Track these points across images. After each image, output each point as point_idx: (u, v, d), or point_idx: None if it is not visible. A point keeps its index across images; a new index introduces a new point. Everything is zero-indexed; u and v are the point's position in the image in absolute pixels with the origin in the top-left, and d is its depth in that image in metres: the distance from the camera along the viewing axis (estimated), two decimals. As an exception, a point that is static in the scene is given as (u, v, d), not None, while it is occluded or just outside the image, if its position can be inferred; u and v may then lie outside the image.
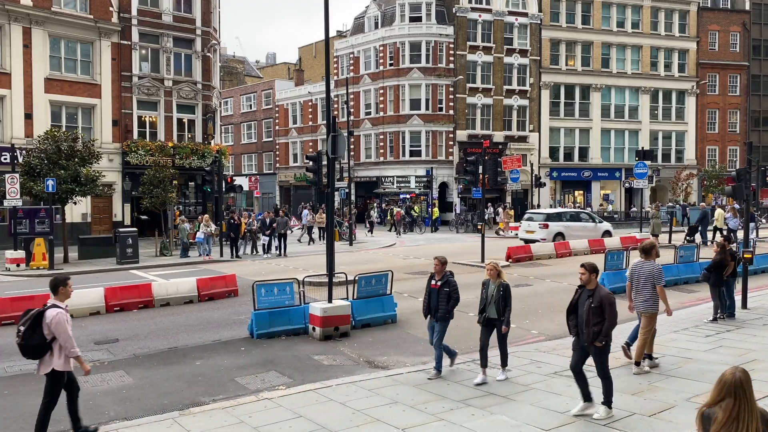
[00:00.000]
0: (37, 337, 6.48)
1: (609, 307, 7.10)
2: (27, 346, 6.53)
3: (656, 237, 28.20)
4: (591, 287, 7.33)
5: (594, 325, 7.13)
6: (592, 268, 7.36)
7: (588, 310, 7.21)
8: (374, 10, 48.23)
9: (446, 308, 8.94)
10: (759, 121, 53.02)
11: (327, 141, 13.61)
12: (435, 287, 9.03)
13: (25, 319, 6.57)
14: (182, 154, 33.01)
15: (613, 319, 7.14)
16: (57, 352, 6.56)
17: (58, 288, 6.73)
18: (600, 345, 7.14)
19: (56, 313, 6.49)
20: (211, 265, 23.48)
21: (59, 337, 6.49)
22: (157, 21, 33.63)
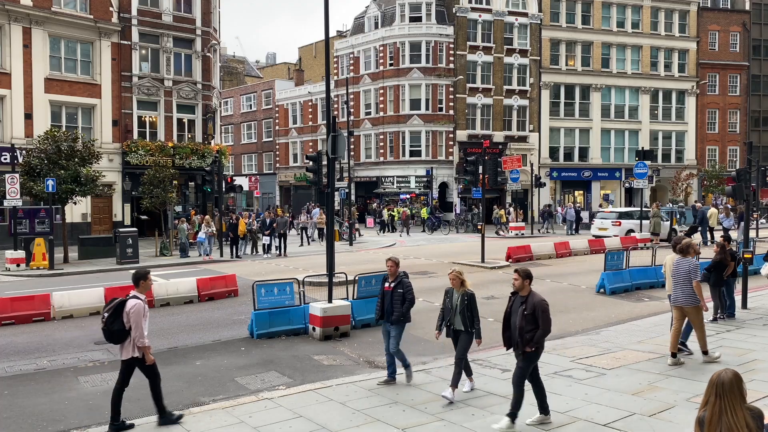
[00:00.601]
0: (117, 324, 7.03)
1: (542, 314, 6.85)
2: (109, 331, 7.07)
3: (656, 236, 28.26)
4: (524, 294, 7.06)
5: (527, 333, 6.90)
6: (526, 273, 7.10)
7: (521, 317, 6.95)
8: (374, 10, 48.23)
9: (401, 311, 8.47)
10: (759, 121, 53.01)
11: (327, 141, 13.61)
12: (388, 289, 8.60)
13: (109, 307, 7.13)
14: (182, 154, 33.01)
15: (547, 326, 6.89)
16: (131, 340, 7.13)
17: (139, 281, 7.30)
18: (530, 350, 6.88)
19: (135, 304, 7.07)
20: (211, 265, 23.48)
21: (134, 326, 7.02)
22: (157, 21, 33.63)
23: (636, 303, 15.27)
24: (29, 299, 14.15)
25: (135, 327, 7.00)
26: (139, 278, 7.31)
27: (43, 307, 13.88)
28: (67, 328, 13.15)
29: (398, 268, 8.76)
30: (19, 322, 13.41)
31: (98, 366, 10.32)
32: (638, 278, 16.94)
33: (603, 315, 13.83)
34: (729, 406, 3.61)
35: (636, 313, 14.03)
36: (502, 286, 17.60)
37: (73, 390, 9.10)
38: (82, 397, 8.80)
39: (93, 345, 11.70)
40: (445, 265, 21.90)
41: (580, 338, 11.53)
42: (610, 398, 7.90)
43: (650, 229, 28.91)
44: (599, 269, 17.00)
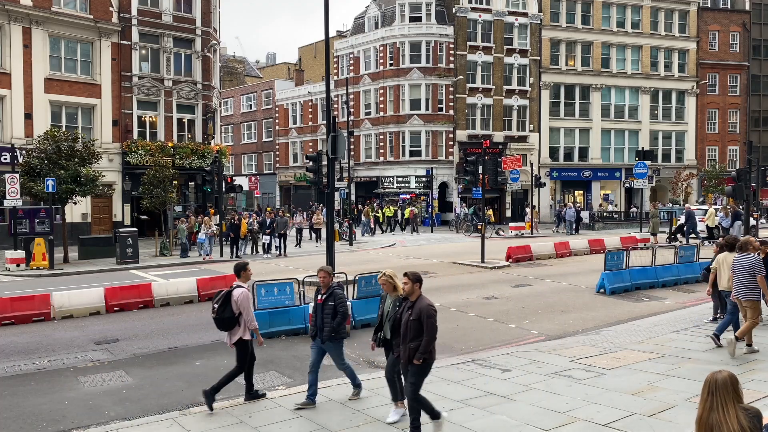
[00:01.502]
0: (228, 312, 7.72)
1: (427, 320, 6.40)
2: (220, 319, 7.77)
3: (655, 236, 28.28)
4: (413, 298, 6.61)
5: (411, 341, 6.44)
6: (416, 277, 6.66)
7: (407, 323, 6.50)
8: (374, 10, 48.23)
9: (331, 326, 7.67)
10: (759, 121, 53.00)
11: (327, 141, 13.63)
12: (319, 302, 7.81)
13: (218, 297, 7.82)
14: (182, 154, 33.01)
15: (432, 333, 6.43)
16: (243, 324, 7.80)
17: (241, 272, 8.03)
18: (418, 363, 6.43)
19: (241, 292, 7.79)
20: (211, 265, 23.47)
21: (243, 311, 7.72)
22: (157, 21, 33.63)
23: (636, 303, 15.27)
24: (29, 299, 14.15)
25: (245, 312, 7.74)
26: (240, 269, 8.04)
27: (43, 307, 13.88)
28: (67, 328, 13.15)
29: (332, 278, 7.93)
30: (19, 322, 13.41)
31: (98, 366, 10.32)
32: (638, 278, 16.94)
33: (603, 315, 13.83)
34: (720, 403, 3.64)
35: (636, 313, 14.03)
36: (502, 286, 17.62)
37: (73, 390, 9.10)
38: (82, 397, 8.80)
39: (93, 345, 11.71)
40: (446, 265, 21.92)
41: (580, 338, 11.53)
42: (610, 398, 7.90)
43: (650, 229, 28.93)
44: (599, 269, 17.00)
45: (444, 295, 16.09)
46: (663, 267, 17.71)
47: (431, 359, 6.59)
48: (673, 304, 14.93)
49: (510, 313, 14.06)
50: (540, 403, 7.80)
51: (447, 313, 14.16)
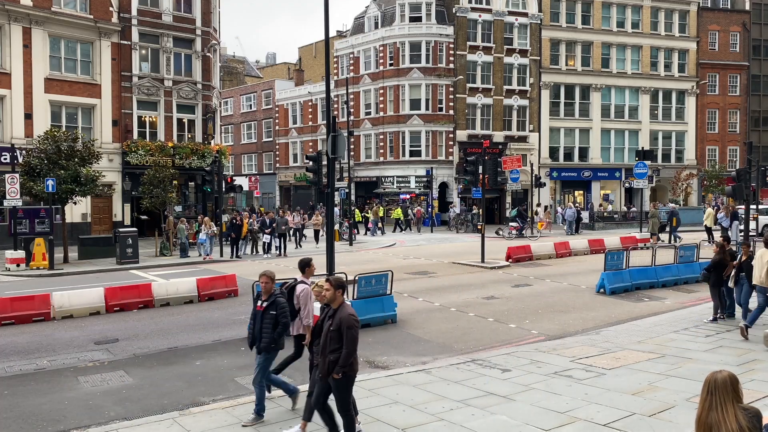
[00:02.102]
0: (290, 306, 7.85)
1: (347, 331, 5.98)
2: None
3: (655, 236, 28.28)
4: (335, 306, 6.19)
5: (331, 353, 6.03)
6: (338, 283, 6.24)
7: (327, 334, 6.11)
8: (374, 10, 48.23)
9: (271, 336, 7.23)
10: (759, 121, 52.98)
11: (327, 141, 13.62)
12: (259, 309, 7.36)
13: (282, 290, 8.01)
14: (182, 154, 33.00)
15: (352, 345, 6.02)
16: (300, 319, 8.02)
17: (305, 268, 8.33)
18: (337, 377, 6.02)
19: (303, 288, 8.04)
20: (211, 265, 23.47)
21: (302, 307, 7.95)
22: (157, 21, 33.62)
23: (636, 303, 15.28)
24: (29, 299, 14.15)
25: (303, 307, 7.94)
26: (303, 266, 8.38)
27: (43, 307, 13.88)
28: (67, 328, 13.15)
29: (274, 284, 7.46)
30: (19, 322, 13.41)
31: (98, 366, 10.32)
32: (638, 278, 16.95)
33: (603, 315, 13.83)
34: (720, 403, 3.65)
35: (636, 313, 14.03)
36: (502, 286, 17.62)
37: (73, 390, 9.10)
38: (82, 397, 8.80)
39: (93, 345, 11.71)
40: (446, 265, 21.93)
41: (580, 338, 11.53)
42: (610, 398, 7.91)
43: (649, 229, 28.95)
44: (599, 269, 17.00)
45: (444, 295, 16.09)
46: (663, 267, 17.72)
47: (352, 372, 6.14)
48: (673, 304, 14.94)
49: (510, 313, 14.06)
50: (540, 403, 7.80)
51: (447, 313, 14.17)
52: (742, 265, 11.84)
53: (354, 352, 6.05)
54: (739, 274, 11.90)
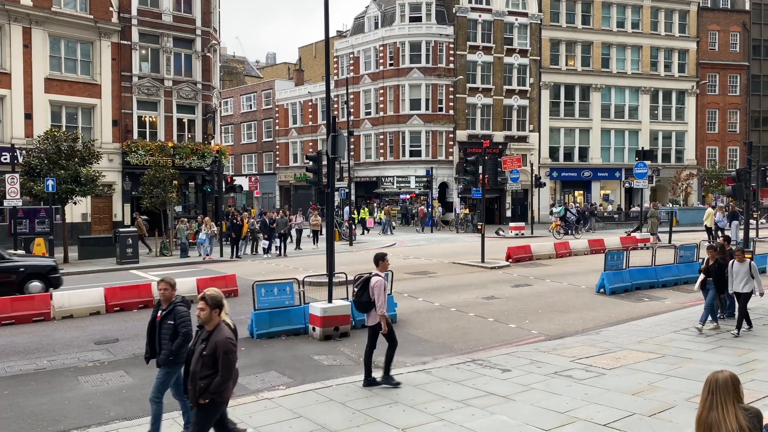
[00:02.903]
0: (365, 297, 8.50)
1: (223, 356, 5.43)
2: (358, 302, 8.61)
3: (654, 236, 28.28)
4: (210, 328, 5.57)
5: (202, 379, 5.45)
6: (215, 302, 5.59)
7: (198, 358, 5.51)
8: (374, 10, 48.23)
9: (169, 348, 6.57)
10: (759, 121, 52.98)
11: (327, 141, 13.61)
12: (158, 319, 6.72)
13: (358, 282, 8.68)
14: (182, 154, 33.00)
15: (227, 372, 5.47)
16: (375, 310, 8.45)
17: (379, 262, 8.78)
18: (204, 402, 5.45)
19: (378, 280, 8.51)
20: (211, 265, 23.47)
21: (376, 298, 8.40)
22: (157, 21, 33.62)
23: (636, 303, 15.27)
24: (29, 299, 14.15)
25: (377, 298, 8.37)
26: (378, 259, 8.80)
27: (43, 307, 13.88)
28: (67, 328, 13.15)
29: (174, 291, 6.75)
30: (19, 322, 13.41)
31: (98, 366, 10.32)
32: (638, 278, 16.94)
33: (603, 315, 13.83)
34: (720, 402, 3.65)
35: (636, 313, 14.03)
36: (502, 286, 17.62)
37: (73, 390, 9.10)
38: (82, 397, 8.80)
39: (93, 345, 11.70)
40: (446, 265, 21.92)
41: (580, 338, 11.53)
42: (610, 398, 7.91)
43: (649, 229, 28.96)
44: (599, 269, 17.00)
45: (444, 295, 16.09)
46: (663, 267, 17.72)
47: (222, 400, 5.58)
48: (673, 304, 14.94)
49: (510, 313, 14.06)
50: (540, 403, 7.80)
51: (447, 313, 14.17)
52: (709, 270, 11.63)
53: (228, 379, 5.52)
54: (707, 278, 11.68)
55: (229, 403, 8.05)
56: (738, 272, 11.29)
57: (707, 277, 11.67)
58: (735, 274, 11.33)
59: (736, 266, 11.37)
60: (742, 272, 11.23)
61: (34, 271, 16.43)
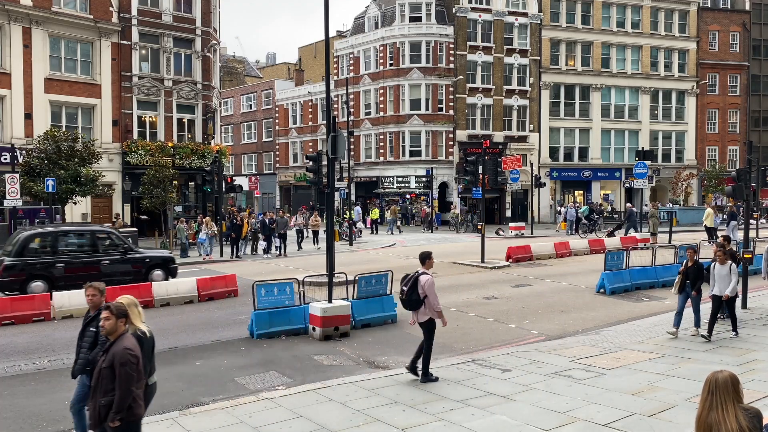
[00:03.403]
0: (415, 295, 8.72)
1: (120, 369, 4.89)
2: (408, 300, 8.81)
3: (654, 236, 28.29)
4: (114, 338, 5.11)
5: (103, 396, 4.96)
6: (120, 311, 5.17)
7: (99, 372, 5.05)
8: (374, 10, 48.23)
9: (86, 358, 6.00)
10: (759, 121, 52.98)
11: (327, 141, 13.61)
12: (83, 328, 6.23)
13: (406, 281, 8.85)
14: (182, 154, 32.99)
15: (126, 385, 4.91)
16: (427, 306, 8.74)
17: (425, 260, 9.04)
18: (114, 425, 4.91)
19: (427, 278, 8.77)
20: (211, 265, 23.47)
21: (429, 295, 8.68)
22: (157, 21, 33.61)
23: (636, 303, 15.28)
24: (29, 299, 14.15)
25: (431, 295, 8.69)
26: (425, 258, 9.08)
27: (43, 307, 13.88)
28: (67, 328, 13.14)
29: (103, 297, 6.23)
30: (19, 322, 13.41)
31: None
32: (638, 278, 16.94)
33: (603, 315, 13.83)
34: (720, 403, 3.64)
35: (636, 313, 14.04)
36: (502, 286, 17.62)
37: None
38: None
39: (93, 345, 11.69)
40: (446, 265, 21.92)
41: (580, 338, 11.53)
42: (610, 398, 7.91)
43: (649, 229, 28.97)
44: (599, 269, 17.00)
45: (444, 295, 16.05)
46: (663, 267, 17.71)
47: (134, 418, 5.01)
48: (673, 304, 14.80)
49: (510, 313, 14.06)
50: (540, 403, 7.80)
51: (447, 312, 14.06)
52: (687, 272, 11.18)
53: (129, 393, 4.92)
54: (684, 281, 11.22)
55: (229, 404, 8.07)
56: (719, 275, 10.88)
57: (686, 280, 11.20)
58: (716, 276, 10.91)
59: (717, 268, 10.94)
60: (723, 275, 10.83)
61: (156, 261, 18.35)
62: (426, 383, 8.67)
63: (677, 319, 11.16)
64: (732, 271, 10.79)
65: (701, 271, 11.13)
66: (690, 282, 11.18)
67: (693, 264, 11.21)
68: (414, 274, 8.89)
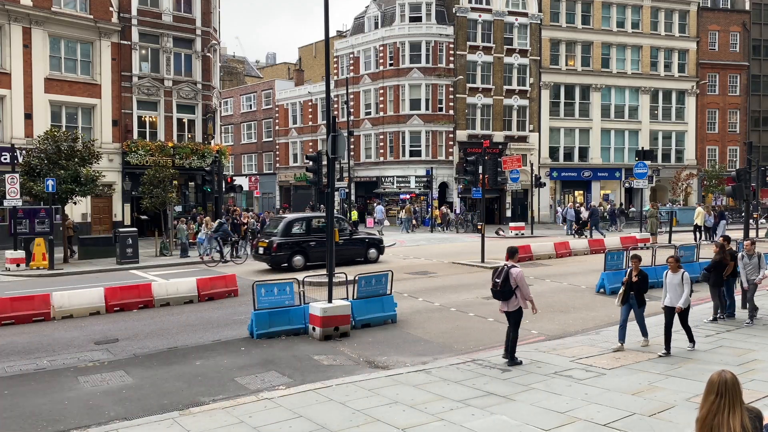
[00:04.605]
0: (507, 286, 9.47)
1: None
2: (501, 291, 9.53)
3: (654, 236, 28.30)
4: None
5: None
6: None
7: None
8: (374, 10, 48.22)
9: None
10: (759, 121, 52.99)
11: (327, 141, 13.60)
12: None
13: (498, 273, 9.63)
14: (182, 154, 33.00)
15: None
16: (517, 296, 9.53)
17: (514, 254, 9.89)
18: None
19: (518, 271, 9.53)
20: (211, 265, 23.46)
21: (521, 286, 9.49)
22: (157, 21, 33.62)
23: (636, 303, 15.25)
24: (29, 299, 14.14)
25: (522, 286, 9.49)
26: (513, 252, 9.90)
27: (43, 307, 13.87)
28: (67, 328, 13.15)
29: None
30: (19, 322, 13.40)
31: (98, 366, 10.32)
32: (638, 278, 16.90)
33: (603, 315, 13.82)
34: (728, 405, 3.62)
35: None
36: (502, 286, 17.60)
37: (73, 390, 9.09)
38: (82, 397, 8.80)
39: (93, 345, 11.70)
40: (446, 265, 21.93)
41: (580, 338, 11.53)
42: (610, 398, 7.91)
43: (648, 229, 28.98)
44: (599, 269, 17.00)
45: (444, 295, 16.09)
46: (663, 267, 17.64)
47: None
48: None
49: (510, 313, 14.04)
50: (540, 403, 7.80)
51: (447, 313, 14.17)
52: (632, 285, 10.23)
53: None
54: (628, 292, 10.28)
55: (229, 404, 8.07)
56: (671, 284, 10.01)
57: (629, 291, 10.29)
58: (668, 285, 10.04)
59: (669, 277, 10.06)
60: (675, 284, 9.96)
61: (372, 241, 22.91)
62: (512, 366, 9.38)
63: (621, 332, 10.30)
64: (684, 280, 9.88)
65: (647, 282, 10.31)
66: (635, 293, 10.28)
67: (637, 274, 10.24)
68: (504, 267, 9.60)
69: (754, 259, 12.11)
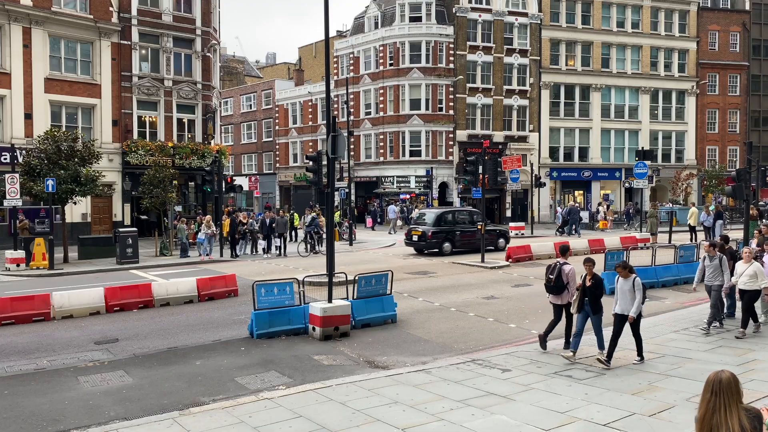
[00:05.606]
0: (560, 281, 10.18)
1: None
2: (555, 286, 10.21)
3: (654, 236, 28.31)
4: None
5: None
6: None
7: None
8: (374, 10, 48.22)
9: None
10: (759, 121, 52.99)
11: (327, 141, 13.61)
12: None
13: (551, 270, 10.31)
14: (182, 154, 33.00)
15: None
16: (569, 291, 10.17)
17: (566, 252, 10.77)
18: None
19: (570, 268, 10.26)
20: (211, 265, 23.47)
21: (571, 282, 10.14)
22: (157, 21, 33.62)
23: (636, 303, 15.24)
24: (29, 299, 14.14)
25: (572, 282, 10.11)
26: (565, 250, 10.78)
27: (43, 307, 13.88)
28: (67, 328, 13.15)
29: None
30: (19, 322, 13.41)
31: (98, 366, 10.32)
32: (638, 278, 16.90)
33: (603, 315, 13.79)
34: (724, 404, 3.63)
35: (636, 313, 14.00)
36: (502, 286, 17.62)
37: (73, 390, 9.10)
38: (82, 397, 8.80)
39: (93, 345, 11.70)
40: (446, 265, 21.93)
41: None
42: (610, 398, 7.91)
43: (648, 229, 28.98)
44: (599, 269, 16.92)
45: (444, 295, 16.09)
46: (663, 267, 17.71)
47: None
48: (673, 304, 14.94)
49: (510, 313, 14.06)
50: (540, 403, 7.80)
51: (447, 312, 14.17)
52: (586, 290, 9.67)
53: None
54: (583, 298, 9.74)
55: (229, 404, 8.07)
56: (622, 290, 9.49)
57: (584, 297, 9.74)
58: (619, 292, 9.54)
59: (620, 282, 9.53)
60: (626, 290, 9.44)
61: (501, 232, 27.42)
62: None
63: (575, 341, 9.83)
64: (636, 286, 9.34)
65: (601, 287, 9.76)
66: (589, 299, 9.72)
67: (591, 278, 9.67)
68: (557, 264, 10.24)
69: (715, 261, 11.53)
